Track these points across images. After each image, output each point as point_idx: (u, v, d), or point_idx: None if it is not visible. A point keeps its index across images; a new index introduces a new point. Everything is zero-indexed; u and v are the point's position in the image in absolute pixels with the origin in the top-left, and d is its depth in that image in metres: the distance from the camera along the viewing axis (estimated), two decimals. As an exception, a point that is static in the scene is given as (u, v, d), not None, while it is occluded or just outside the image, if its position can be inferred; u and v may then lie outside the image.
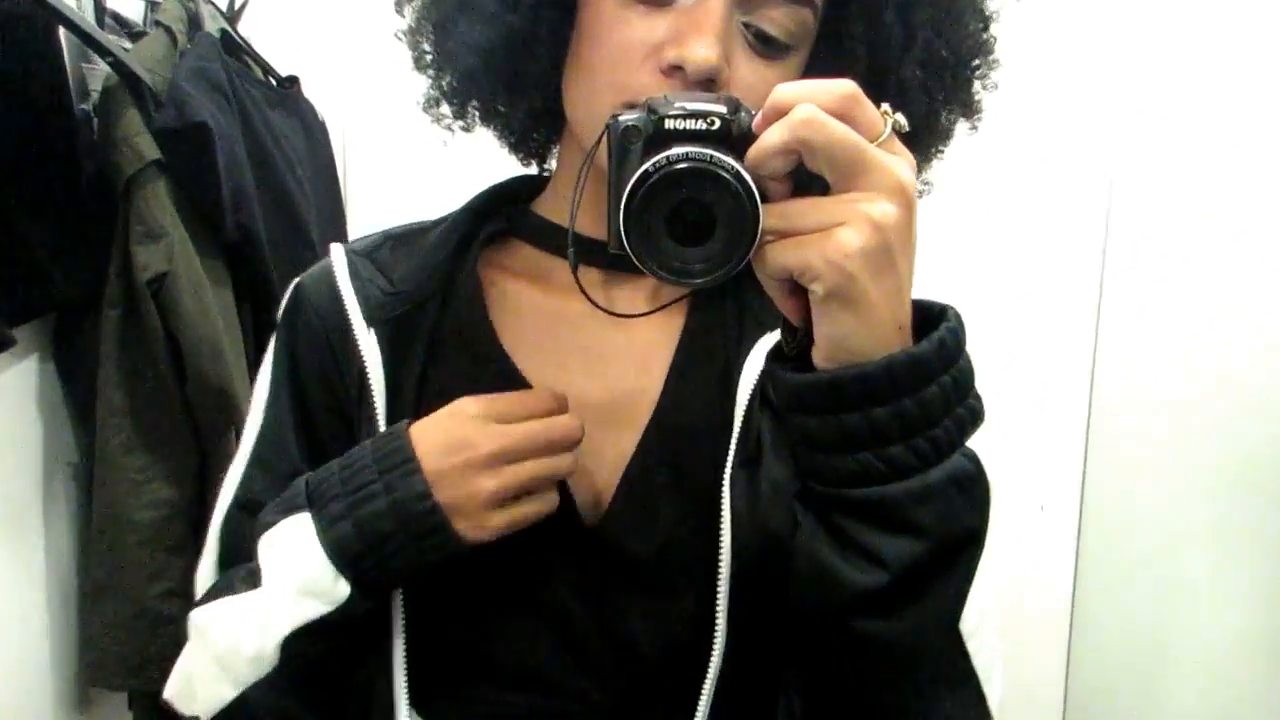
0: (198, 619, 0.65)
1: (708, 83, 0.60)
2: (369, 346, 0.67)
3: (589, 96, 0.64)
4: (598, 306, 0.63)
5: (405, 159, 1.71)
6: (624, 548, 0.65)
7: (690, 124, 0.50)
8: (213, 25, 1.44)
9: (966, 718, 0.56)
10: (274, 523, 0.63)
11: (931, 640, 0.55)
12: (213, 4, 1.50)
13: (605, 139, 0.53)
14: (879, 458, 0.51)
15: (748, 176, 0.48)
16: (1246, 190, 1.63)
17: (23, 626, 1.21)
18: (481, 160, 0.81)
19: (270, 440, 0.70)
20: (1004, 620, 0.60)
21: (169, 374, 1.23)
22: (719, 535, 0.62)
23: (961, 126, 0.75)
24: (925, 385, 0.50)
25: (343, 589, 0.60)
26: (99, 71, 1.26)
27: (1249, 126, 1.62)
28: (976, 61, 0.72)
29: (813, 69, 0.67)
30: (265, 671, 0.61)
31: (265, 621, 0.61)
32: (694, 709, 0.63)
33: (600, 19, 0.63)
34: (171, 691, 0.66)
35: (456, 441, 0.61)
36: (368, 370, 0.67)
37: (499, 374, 0.69)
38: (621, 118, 0.52)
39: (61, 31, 1.18)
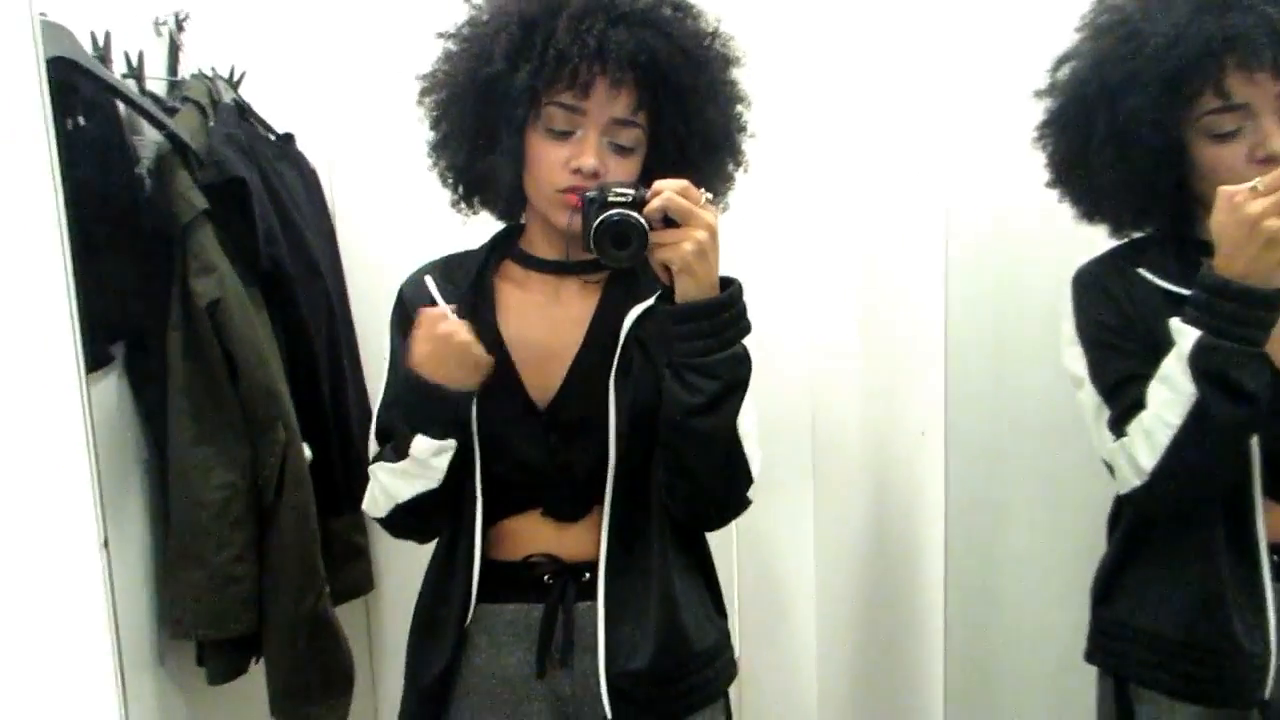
0: (374, 468, 1.26)
1: (593, 175, 1.17)
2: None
3: (537, 187, 1.23)
4: (570, 263, 1.28)
5: (384, 200, 2.01)
6: (564, 419, 1.25)
7: (619, 197, 1.10)
8: (226, 96, 1.74)
9: (740, 472, 1.20)
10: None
11: (724, 428, 1.15)
12: (222, 78, 1.80)
13: (582, 204, 1.13)
14: (704, 343, 1.12)
15: (644, 220, 1.09)
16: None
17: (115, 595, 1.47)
18: (438, 200, 1.36)
19: (397, 383, 1.26)
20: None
21: (225, 380, 1.52)
22: (608, 407, 1.21)
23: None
24: (722, 312, 1.12)
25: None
26: (146, 141, 1.55)
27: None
28: (733, 137, 1.30)
29: (649, 158, 1.24)
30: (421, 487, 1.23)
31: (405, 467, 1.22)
32: (604, 494, 1.23)
33: (536, 150, 1.21)
34: (364, 505, 1.29)
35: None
36: None
37: (492, 333, 1.26)
38: (588, 194, 1.13)
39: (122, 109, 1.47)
